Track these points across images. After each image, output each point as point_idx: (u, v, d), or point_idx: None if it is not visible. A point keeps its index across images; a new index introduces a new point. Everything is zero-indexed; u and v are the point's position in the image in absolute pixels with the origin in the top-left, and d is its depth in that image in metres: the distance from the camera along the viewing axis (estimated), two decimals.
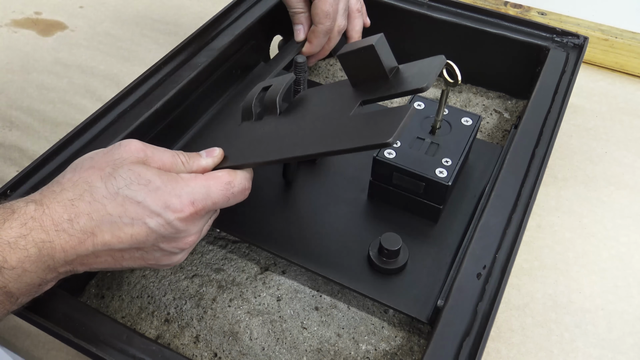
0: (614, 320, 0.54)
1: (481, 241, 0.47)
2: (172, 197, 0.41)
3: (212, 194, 0.43)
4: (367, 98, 0.46)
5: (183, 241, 0.43)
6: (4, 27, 0.89)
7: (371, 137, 0.40)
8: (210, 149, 0.47)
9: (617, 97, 0.78)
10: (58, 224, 0.39)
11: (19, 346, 0.53)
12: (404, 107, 0.41)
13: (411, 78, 0.45)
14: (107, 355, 0.40)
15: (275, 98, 0.50)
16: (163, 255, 0.43)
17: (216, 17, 0.68)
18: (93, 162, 0.42)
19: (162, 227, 0.41)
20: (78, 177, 0.41)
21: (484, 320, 0.42)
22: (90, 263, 0.41)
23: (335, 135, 0.43)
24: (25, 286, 0.38)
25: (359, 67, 0.46)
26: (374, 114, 0.42)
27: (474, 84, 0.75)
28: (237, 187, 0.45)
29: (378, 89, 0.46)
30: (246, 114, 0.52)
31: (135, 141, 0.43)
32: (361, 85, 0.48)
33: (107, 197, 0.40)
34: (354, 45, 0.46)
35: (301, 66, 0.53)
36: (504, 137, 0.68)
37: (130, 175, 0.41)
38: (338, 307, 0.53)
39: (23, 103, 0.76)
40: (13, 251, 0.37)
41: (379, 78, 0.46)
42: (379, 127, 0.41)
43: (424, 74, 0.45)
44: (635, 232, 0.61)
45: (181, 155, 0.45)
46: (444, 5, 0.71)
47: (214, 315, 0.52)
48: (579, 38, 0.66)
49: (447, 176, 0.53)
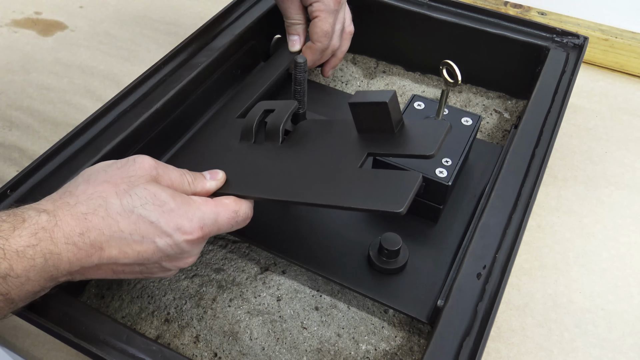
0: (614, 320, 0.54)
1: (481, 241, 0.47)
2: (184, 220, 0.42)
3: (219, 220, 0.45)
4: (373, 151, 0.47)
5: (184, 261, 0.45)
6: (4, 27, 0.89)
7: (382, 203, 0.41)
8: (214, 172, 0.49)
9: (617, 97, 0.78)
10: (69, 237, 0.39)
11: (19, 346, 0.53)
12: (413, 175, 0.42)
13: (417, 140, 0.46)
14: (107, 355, 0.40)
15: (279, 127, 0.52)
16: (160, 270, 0.45)
17: (216, 17, 0.68)
18: (107, 176, 0.43)
19: (169, 247, 0.42)
20: (93, 191, 0.42)
21: (484, 320, 0.42)
22: (89, 274, 0.42)
23: (344, 189, 0.44)
24: (25, 293, 0.38)
25: (367, 118, 0.48)
26: (383, 174, 0.44)
27: (474, 84, 0.75)
28: (242, 216, 0.46)
29: (384, 142, 0.47)
30: (246, 134, 0.54)
31: (148, 158, 0.45)
32: (367, 132, 0.49)
33: (122, 214, 0.41)
34: (366, 97, 0.47)
35: (301, 66, 0.53)
36: (504, 137, 0.68)
37: (146, 195, 0.42)
38: (338, 307, 0.53)
39: (23, 103, 0.76)
40: (20, 260, 0.37)
41: (385, 131, 0.48)
42: (389, 193, 0.42)
43: (430, 137, 0.46)
44: (635, 232, 0.61)
45: (187, 175, 0.47)
46: (444, 5, 0.71)
47: (214, 315, 0.52)
48: (579, 38, 0.66)
49: (447, 176, 0.53)
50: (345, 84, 0.76)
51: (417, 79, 0.76)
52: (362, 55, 0.79)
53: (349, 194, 0.43)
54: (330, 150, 0.49)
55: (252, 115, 0.54)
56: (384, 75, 0.77)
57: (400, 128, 0.48)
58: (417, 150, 0.45)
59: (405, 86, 0.75)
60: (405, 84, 0.75)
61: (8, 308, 0.38)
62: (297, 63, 0.53)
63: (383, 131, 0.48)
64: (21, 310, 0.42)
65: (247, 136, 0.54)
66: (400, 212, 0.40)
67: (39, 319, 0.42)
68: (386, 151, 0.47)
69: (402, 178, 0.43)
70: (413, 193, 0.41)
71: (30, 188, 0.50)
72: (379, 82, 0.76)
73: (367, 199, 0.42)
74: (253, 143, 0.53)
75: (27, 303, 0.40)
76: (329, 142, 0.50)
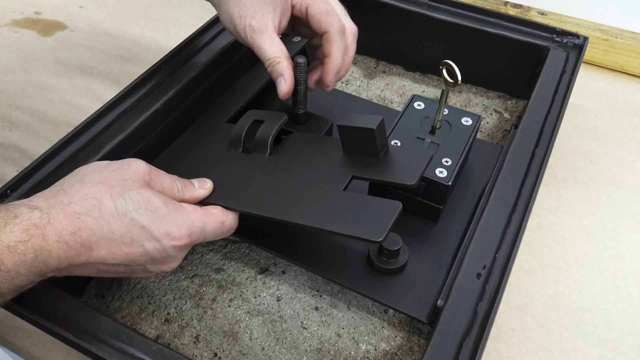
0: (614, 320, 0.54)
1: (481, 241, 0.47)
2: (173, 227, 0.43)
3: (206, 228, 0.45)
4: (357, 175, 0.49)
5: (168, 265, 0.45)
6: (4, 27, 0.89)
7: (362, 230, 0.44)
8: (202, 180, 0.50)
9: (617, 97, 0.78)
10: (61, 235, 0.40)
11: (19, 346, 0.53)
12: (394, 205, 0.44)
13: (400, 167, 0.48)
14: (107, 355, 0.40)
15: (268, 140, 0.53)
16: (143, 272, 0.45)
17: (216, 17, 0.68)
18: (102, 178, 0.44)
19: (156, 251, 0.43)
20: (87, 191, 0.43)
21: (484, 320, 0.42)
22: (75, 271, 0.43)
23: (326, 212, 0.46)
24: (14, 287, 0.39)
25: (354, 140, 0.50)
26: (366, 201, 0.46)
27: (474, 84, 0.75)
28: (228, 226, 0.47)
29: (368, 166, 0.49)
30: (234, 143, 0.55)
31: (142, 163, 0.46)
32: (352, 153, 0.51)
33: (115, 216, 0.42)
34: (355, 121, 0.49)
35: (301, 66, 0.53)
36: (504, 137, 0.68)
37: (139, 200, 0.43)
38: (338, 307, 0.53)
39: (23, 103, 0.76)
40: (11, 255, 0.38)
41: (370, 154, 0.50)
42: (370, 221, 0.44)
43: (412, 166, 0.48)
44: (635, 232, 0.61)
45: (178, 181, 0.48)
46: (444, 5, 0.71)
47: (214, 315, 0.52)
48: (579, 38, 0.66)
49: (447, 176, 0.53)
50: (345, 84, 0.76)
51: (417, 79, 0.76)
52: (362, 55, 0.79)
53: (331, 217, 0.45)
54: (316, 169, 0.51)
55: (241, 125, 0.55)
56: (384, 75, 0.77)
57: (385, 153, 0.50)
58: (399, 179, 0.47)
59: (405, 86, 0.75)
60: (405, 84, 0.75)
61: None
62: (297, 63, 0.53)
63: (368, 154, 0.50)
64: (21, 310, 0.42)
65: (236, 145, 0.55)
66: (379, 242, 0.43)
67: (39, 319, 0.42)
68: (370, 176, 0.49)
69: (383, 207, 0.45)
70: (393, 222, 0.43)
71: (30, 188, 0.50)
72: (379, 82, 0.76)
73: (348, 224, 0.44)
74: (241, 152, 0.55)
75: (14, 296, 0.41)
76: (315, 159, 0.52)
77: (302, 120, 0.59)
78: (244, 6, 0.52)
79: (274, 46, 0.52)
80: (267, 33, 0.52)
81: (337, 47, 0.54)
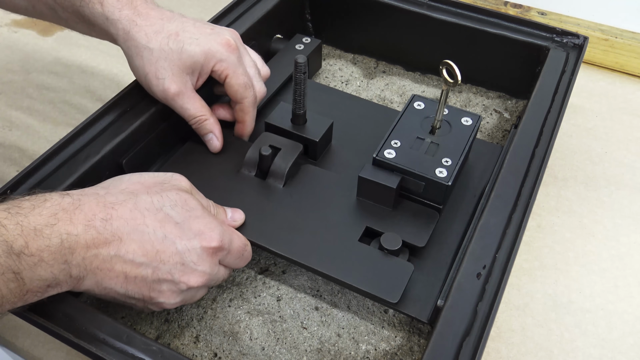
0: (614, 320, 0.54)
1: (481, 241, 0.47)
2: (206, 229, 0.44)
3: (233, 244, 0.47)
4: (371, 226, 0.53)
5: (192, 276, 0.44)
6: (4, 27, 0.89)
7: (378, 290, 0.48)
8: (236, 211, 0.52)
9: (617, 97, 0.78)
10: (90, 219, 0.40)
11: (19, 346, 0.53)
12: (407, 267, 0.49)
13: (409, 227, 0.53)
14: (107, 355, 0.40)
15: (284, 172, 0.55)
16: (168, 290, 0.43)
17: (216, 17, 0.68)
18: (142, 180, 0.46)
19: (187, 252, 0.43)
20: (125, 187, 0.44)
21: (484, 320, 0.42)
22: (101, 275, 0.41)
23: (345, 265, 0.49)
24: (37, 280, 0.37)
25: (371, 191, 0.54)
26: (380, 259, 0.50)
27: (474, 84, 0.75)
28: (248, 252, 0.49)
29: (381, 218, 0.53)
30: (248, 166, 0.57)
31: (185, 179, 0.48)
32: (366, 199, 0.55)
33: (150, 209, 0.42)
34: (376, 175, 0.53)
35: (301, 66, 0.54)
36: (504, 137, 0.68)
37: (177, 199, 0.44)
38: (338, 307, 0.53)
39: (23, 103, 0.76)
40: (37, 238, 0.37)
41: (384, 205, 0.54)
42: (385, 281, 0.48)
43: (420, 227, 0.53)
44: (635, 232, 0.61)
45: (212, 205, 0.50)
46: (444, 5, 0.71)
47: (214, 315, 0.52)
48: (579, 38, 0.66)
49: (447, 176, 0.53)
50: (345, 84, 0.76)
51: (417, 79, 0.76)
52: (362, 55, 0.79)
53: (348, 270, 0.49)
54: (332, 210, 0.54)
55: (256, 148, 0.56)
56: (384, 75, 0.77)
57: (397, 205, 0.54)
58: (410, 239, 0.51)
59: (405, 86, 0.75)
60: (405, 84, 0.75)
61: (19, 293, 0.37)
62: (297, 63, 0.53)
63: (382, 204, 0.54)
64: (21, 310, 0.42)
65: (249, 168, 0.57)
66: (395, 303, 0.47)
67: (39, 319, 0.42)
68: (383, 230, 0.52)
69: (397, 267, 0.49)
70: (406, 283, 0.48)
71: (30, 188, 0.50)
72: (379, 82, 0.76)
73: (365, 282, 0.48)
74: (254, 176, 0.57)
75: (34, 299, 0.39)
76: (330, 199, 0.55)
77: (302, 121, 0.59)
78: (162, 68, 0.53)
79: (197, 105, 0.55)
80: (187, 94, 0.54)
81: (251, 116, 0.58)
